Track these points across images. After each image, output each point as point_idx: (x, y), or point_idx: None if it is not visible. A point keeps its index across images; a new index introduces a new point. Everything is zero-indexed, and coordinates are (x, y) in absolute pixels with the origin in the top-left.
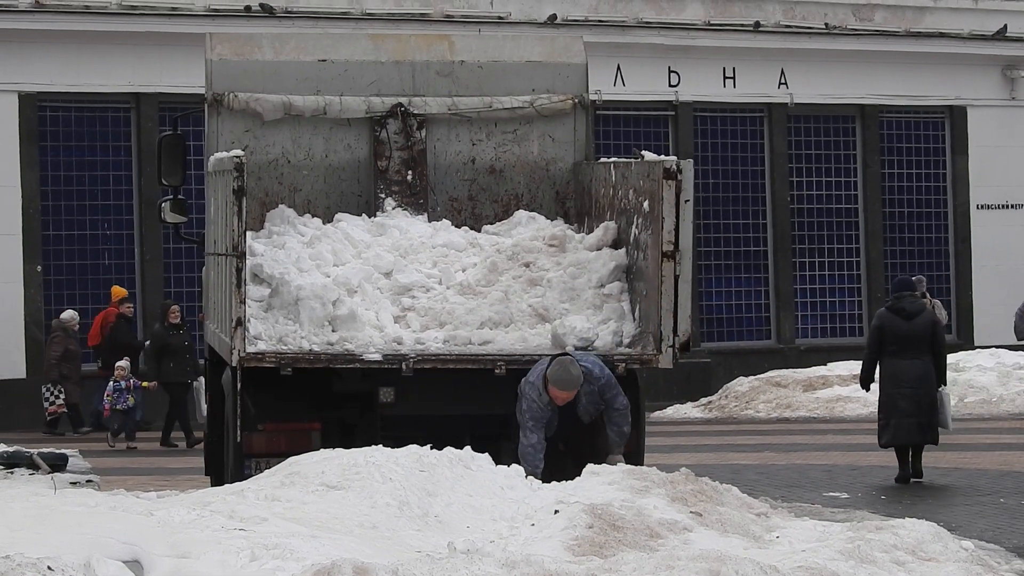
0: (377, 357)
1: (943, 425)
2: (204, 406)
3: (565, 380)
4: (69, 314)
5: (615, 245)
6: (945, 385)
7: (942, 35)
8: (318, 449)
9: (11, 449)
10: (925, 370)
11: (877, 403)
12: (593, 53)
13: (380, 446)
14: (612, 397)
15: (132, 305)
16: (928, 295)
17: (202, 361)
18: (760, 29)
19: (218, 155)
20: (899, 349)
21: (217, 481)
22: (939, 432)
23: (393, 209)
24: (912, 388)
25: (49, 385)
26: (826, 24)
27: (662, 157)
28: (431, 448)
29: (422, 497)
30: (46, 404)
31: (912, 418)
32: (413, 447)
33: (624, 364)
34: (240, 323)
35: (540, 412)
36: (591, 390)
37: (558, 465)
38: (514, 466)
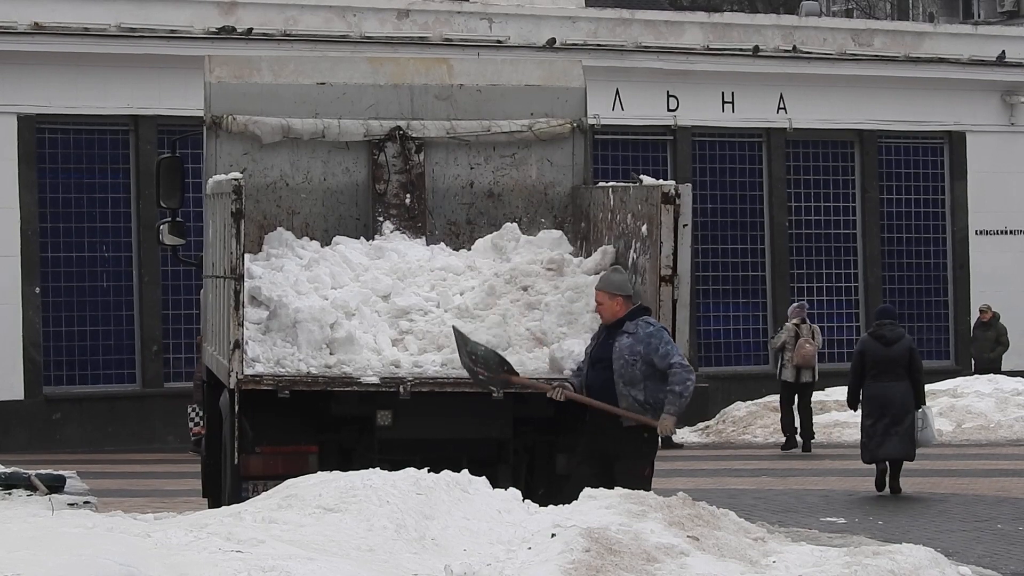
0: (375, 380)
1: (928, 440)
2: None
3: (608, 278)
4: None
5: None
6: (924, 404)
7: (941, 60)
8: (315, 472)
9: (8, 470)
10: (903, 391)
11: (860, 423)
12: (592, 77)
13: (377, 469)
14: (665, 353)
15: None
16: (808, 320)
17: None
18: (759, 54)
19: (216, 178)
20: (879, 372)
21: (214, 503)
22: (926, 445)
23: (391, 232)
24: (891, 408)
25: (195, 405)
26: (818, 49)
27: (660, 182)
28: (428, 471)
29: (419, 520)
30: (190, 424)
31: (892, 436)
32: (410, 470)
33: None
34: (238, 345)
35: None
36: (636, 331)
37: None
38: (511, 490)
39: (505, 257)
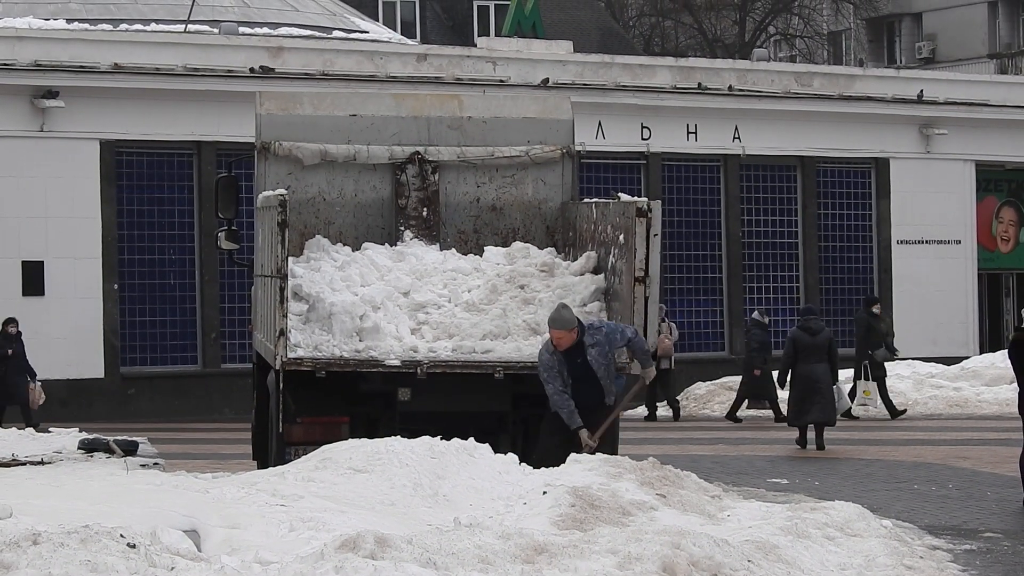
0: (396, 363)
1: (842, 408)
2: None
3: (556, 319)
4: None
5: (595, 271)
6: (838, 381)
7: (869, 98)
8: (347, 439)
9: (91, 436)
10: (824, 371)
11: (789, 396)
12: (578, 111)
13: (398, 437)
14: (622, 335)
15: None
16: (666, 319)
17: (249, 365)
18: (718, 92)
19: (265, 193)
20: (806, 356)
21: (262, 465)
22: (840, 412)
23: (411, 240)
24: (815, 384)
25: None
26: (767, 89)
27: (635, 198)
28: (441, 439)
29: (433, 480)
30: None
31: (815, 405)
32: (426, 438)
33: None
34: (283, 333)
35: (549, 363)
36: (597, 340)
37: (548, 450)
38: (510, 455)
39: (509, 261)
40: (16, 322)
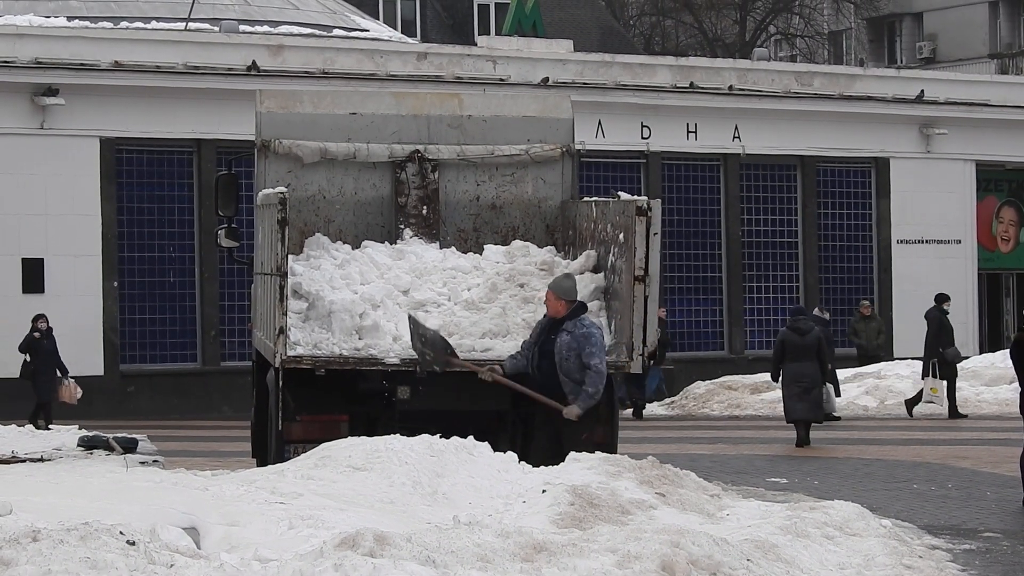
0: (396, 361)
1: (831, 409)
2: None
3: (555, 283)
4: None
5: (595, 270)
6: (827, 382)
7: (870, 98)
8: (346, 437)
9: (91, 434)
10: (813, 370)
11: (781, 394)
12: (578, 110)
13: (397, 435)
14: (589, 353)
15: None
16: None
17: (249, 363)
18: (718, 91)
19: (265, 191)
20: (795, 356)
21: (262, 463)
22: (829, 411)
23: (411, 238)
24: (803, 383)
25: None
26: (767, 88)
27: (635, 197)
28: (440, 437)
29: (432, 478)
30: None
31: (803, 403)
32: (425, 436)
33: None
34: (282, 331)
35: (535, 325)
36: (575, 331)
37: (540, 446)
38: (509, 453)
39: (508, 260)
40: (46, 318)
